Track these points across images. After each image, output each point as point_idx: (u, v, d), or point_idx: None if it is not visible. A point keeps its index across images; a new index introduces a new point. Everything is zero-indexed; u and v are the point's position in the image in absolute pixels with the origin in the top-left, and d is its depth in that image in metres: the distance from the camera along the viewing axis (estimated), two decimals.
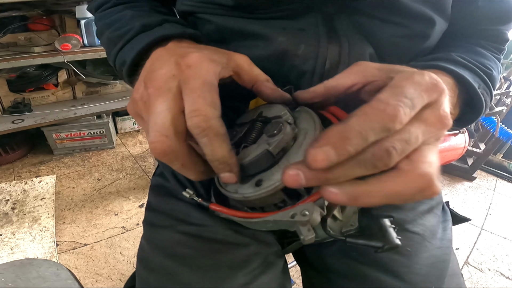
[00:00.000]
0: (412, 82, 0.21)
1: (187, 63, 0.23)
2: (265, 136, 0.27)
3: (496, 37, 0.41)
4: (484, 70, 0.34)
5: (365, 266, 0.34)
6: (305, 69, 0.34)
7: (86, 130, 1.54)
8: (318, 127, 0.26)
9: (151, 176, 1.44)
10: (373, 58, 0.35)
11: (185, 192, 0.33)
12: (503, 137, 1.40)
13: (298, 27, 0.33)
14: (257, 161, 0.25)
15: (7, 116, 1.42)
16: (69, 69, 1.49)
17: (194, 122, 0.22)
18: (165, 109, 0.22)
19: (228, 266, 0.32)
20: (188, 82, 0.22)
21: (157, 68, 0.24)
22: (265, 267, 0.34)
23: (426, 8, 0.33)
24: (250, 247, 0.34)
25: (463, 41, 0.40)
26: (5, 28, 1.27)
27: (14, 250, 1.03)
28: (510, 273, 1.10)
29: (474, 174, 1.58)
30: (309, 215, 0.23)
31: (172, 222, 0.36)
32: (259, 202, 0.27)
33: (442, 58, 0.33)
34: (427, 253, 0.34)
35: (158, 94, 0.23)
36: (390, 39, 0.34)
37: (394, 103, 0.19)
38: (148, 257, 0.35)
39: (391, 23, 0.33)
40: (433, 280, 0.33)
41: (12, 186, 1.33)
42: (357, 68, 0.26)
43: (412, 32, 0.34)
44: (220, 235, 0.33)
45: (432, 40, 0.37)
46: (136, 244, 1.11)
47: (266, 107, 0.30)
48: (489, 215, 1.37)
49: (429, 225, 0.37)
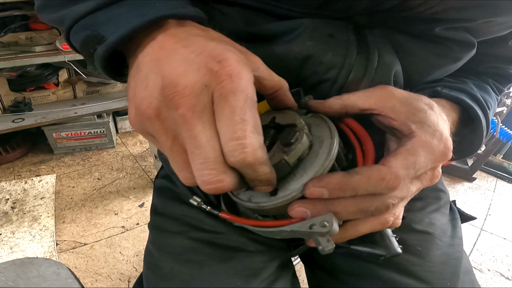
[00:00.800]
0: (427, 150, 0.24)
1: (227, 71, 0.18)
2: (279, 144, 0.26)
3: (504, 78, 0.41)
4: (486, 107, 0.35)
5: (376, 266, 0.34)
6: (327, 77, 0.32)
7: (87, 129, 1.54)
8: (335, 135, 0.26)
9: (151, 176, 1.44)
10: (398, 75, 0.34)
11: (192, 200, 0.32)
12: (503, 137, 1.40)
13: (329, 32, 0.31)
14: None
15: (7, 115, 1.42)
16: (70, 69, 1.49)
17: (239, 159, 0.18)
18: (210, 137, 0.18)
19: (245, 273, 0.32)
20: (228, 99, 0.18)
21: (179, 71, 0.18)
22: (279, 272, 0.34)
23: (468, 34, 0.32)
24: (265, 254, 0.33)
25: (475, 75, 0.40)
26: (6, 27, 1.27)
27: (13, 249, 1.03)
28: (509, 273, 1.10)
29: (474, 175, 1.58)
30: (329, 226, 0.23)
31: (183, 228, 0.35)
32: (273, 211, 0.27)
33: (465, 92, 0.34)
34: (439, 251, 0.34)
35: (194, 115, 0.18)
36: (424, 57, 0.33)
37: (401, 175, 0.22)
38: (157, 263, 0.34)
39: (432, 42, 0.32)
40: (447, 277, 0.32)
41: (12, 185, 1.33)
42: (381, 93, 0.26)
43: (449, 52, 0.33)
44: (234, 242, 0.33)
45: (462, 62, 0.36)
46: (136, 243, 1.11)
47: (278, 113, 0.29)
48: (489, 215, 1.37)
49: (439, 224, 0.37)
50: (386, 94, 0.26)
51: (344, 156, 0.28)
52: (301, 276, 1.04)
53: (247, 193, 0.27)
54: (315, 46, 0.30)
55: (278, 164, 0.24)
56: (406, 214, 0.36)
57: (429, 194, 0.39)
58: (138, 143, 1.71)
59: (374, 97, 0.26)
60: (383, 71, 0.32)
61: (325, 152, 0.25)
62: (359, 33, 0.31)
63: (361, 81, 0.32)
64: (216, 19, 0.33)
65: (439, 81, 0.38)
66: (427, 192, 0.38)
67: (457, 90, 0.35)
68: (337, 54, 0.30)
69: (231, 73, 0.18)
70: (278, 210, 0.26)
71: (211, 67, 0.18)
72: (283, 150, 0.25)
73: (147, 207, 1.28)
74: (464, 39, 0.32)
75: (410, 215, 0.36)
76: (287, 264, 0.36)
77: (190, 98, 0.18)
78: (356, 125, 0.29)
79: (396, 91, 0.27)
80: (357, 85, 0.31)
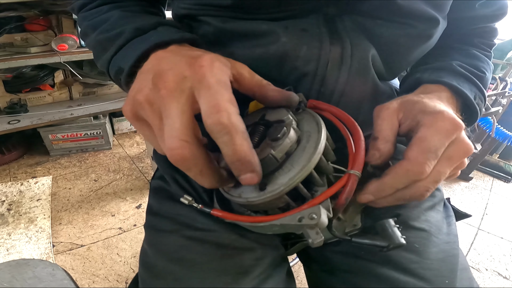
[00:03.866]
0: (436, 131, 0.27)
1: (200, 64, 0.22)
2: (268, 140, 0.27)
3: (488, 34, 0.43)
4: (479, 75, 0.37)
5: (375, 264, 0.34)
6: (306, 71, 0.33)
7: (83, 131, 1.53)
8: (322, 129, 0.26)
9: (148, 177, 1.44)
10: (376, 59, 0.35)
11: (183, 199, 0.32)
12: (499, 137, 1.41)
13: (301, 27, 0.33)
14: (263, 162, 0.25)
15: (3, 116, 1.41)
16: (66, 70, 1.48)
17: (215, 120, 0.20)
18: (181, 113, 0.21)
19: (236, 271, 0.32)
20: (203, 81, 0.22)
21: (166, 68, 0.23)
22: (271, 270, 0.34)
23: (429, 8, 0.33)
24: (256, 251, 0.34)
25: (459, 42, 0.42)
26: (2, 28, 1.27)
27: (10, 251, 1.02)
28: (507, 272, 1.10)
29: (470, 174, 1.59)
30: (317, 218, 0.23)
31: (176, 227, 0.35)
32: (263, 206, 0.27)
33: (445, 69, 0.37)
34: (436, 248, 0.34)
35: (172, 96, 0.21)
36: (393, 39, 0.34)
37: (421, 161, 0.26)
38: (151, 262, 0.35)
39: (395, 23, 0.33)
40: (445, 274, 0.32)
41: (8, 187, 1.31)
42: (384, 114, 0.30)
43: (416, 31, 0.34)
44: (226, 240, 0.33)
45: (434, 39, 0.37)
46: (133, 245, 1.11)
47: (268, 110, 0.30)
48: (485, 215, 1.38)
49: (434, 221, 0.37)
50: (386, 112, 0.30)
51: (333, 151, 0.29)
52: (299, 276, 1.04)
53: (238, 190, 0.28)
54: (290, 42, 0.32)
55: (265, 158, 0.25)
56: (402, 211, 0.36)
57: None
58: (135, 144, 1.70)
59: (385, 122, 0.29)
60: (359, 57, 0.33)
61: (312, 146, 0.26)
62: (330, 24, 0.33)
63: (340, 70, 0.33)
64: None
65: (421, 64, 0.40)
66: None
67: (438, 69, 0.37)
68: (312, 47, 0.32)
69: (203, 64, 0.22)
70: (267, 205, 0.27)
71: (190, 62, 0.23)
72: (271, 145, 0.26)
73: (144, 208, 1.27)
74: (425, 14, 0.34)
75: (406, 212, 0.36)
76: (281, 262, 0.36)
77: (171, 83, 0.22)
78: (341, 113, 0.30)
79: (389, 104, 0.30)
80: (337, 75, 0.34)
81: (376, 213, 0.36)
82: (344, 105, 0.34)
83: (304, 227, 0.23)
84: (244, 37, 0.34)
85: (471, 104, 0.35)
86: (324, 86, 0.34)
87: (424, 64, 0.39)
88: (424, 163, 0.26)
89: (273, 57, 0.33)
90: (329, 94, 0.34)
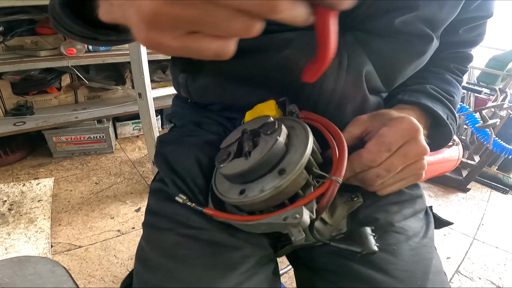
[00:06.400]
0: (394, 129, 0.32)
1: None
2: (263, 135, 0.30)
3: (464, 59, 0.48)
4: (449, 99, 0.43)
5: (357, 264, 0.35)
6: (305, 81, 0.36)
7: (86, 134, 1.56)
8: (309, 136, 0.30)
9: (148, 182, 1.46)
10: (372, 75, 0.38)
11: (178, 198, 0.34)
12: (497, 149, 1.42)
13: (306, 41, 0.35)
14: (272, 152, 0.28)
15: (9, 118, 1.44)
16: (73, 74, 1.52)
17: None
18: None
19: (223, 267, 0.33)
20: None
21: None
22: (257, 268, 0.35)
23: (425, 27, 0.37)
24: (244, 249, 0.35)
25: (437, 66, 0.47)
26: (13, 31, 1.30)
27: (8, 250, 1.04)
28: (500, 282, 1.10)
29: (468, 186, 1.59)
30: (300, 217, 0.25)
31: (172, 225, 0.37)
32: (254, 206, 0.30)
33: (421, 92, 0.43)
34: (412, 251, 0.36)
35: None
36: (391, 54, 0.38)
37: (374, 151, 0.32)
38: (147, 257, 0.37)
39: (394, 38, 0.37)
40: (418, 276, 0.34)
41: (10, 187, 1.34)
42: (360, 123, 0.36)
43: (412, 46, 0.38)
44: (217, 238, 0.35)
45: (427, 56, 0.41)
46: (131, 247, 1.12)
47: (248, 124, 0.34)
48: (481, 225, 1.38)
49: (413, 226, 0.39)
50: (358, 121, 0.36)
51: (319, 154, 0.32)
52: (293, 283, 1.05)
53: (232, 191, 0.30)
54: (292, 54, 0.35)
55: (274, 145, 0.28)
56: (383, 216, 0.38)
57: (406, 199, 0.41)
58: (137, 149, 1.73)
59: (351, 126, 0.36)
60: (353, 72, 0.37)
61: (300, 151, 0.28)
62: None
63: (336, 83, 0.37)
64: None
65: (401, 86, 0.44)
66: (404, 197, 0.41)
67: (416, 91, 0.43)
68: (311, 59, 0.34)
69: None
70: (256, 206, 0.29)
71: None
72: (270, 136, 0.29)
73: (143, 211, 1.28)
74: (422, 32, 0.37)
75: (387, 217, 0.38)
76: (268, 261, 0.37)
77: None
78: (331, 126, 0.34)
79: (362, 116, 0.36)
80: (333, 88, 0.37)
81: (360, 219, 0.38)
82: (335, 115, 0.38)
83: (288, 225, 0.26)
84: (247, 48, 0.36)
85: (444, 123, 0.40)
86: (321, 97, 0.38)
87: (404, 86, 0.45)
88: (376, 153, 0.32)
89: (276, 67, 0.35)
90: (325, 104, 0.38)
